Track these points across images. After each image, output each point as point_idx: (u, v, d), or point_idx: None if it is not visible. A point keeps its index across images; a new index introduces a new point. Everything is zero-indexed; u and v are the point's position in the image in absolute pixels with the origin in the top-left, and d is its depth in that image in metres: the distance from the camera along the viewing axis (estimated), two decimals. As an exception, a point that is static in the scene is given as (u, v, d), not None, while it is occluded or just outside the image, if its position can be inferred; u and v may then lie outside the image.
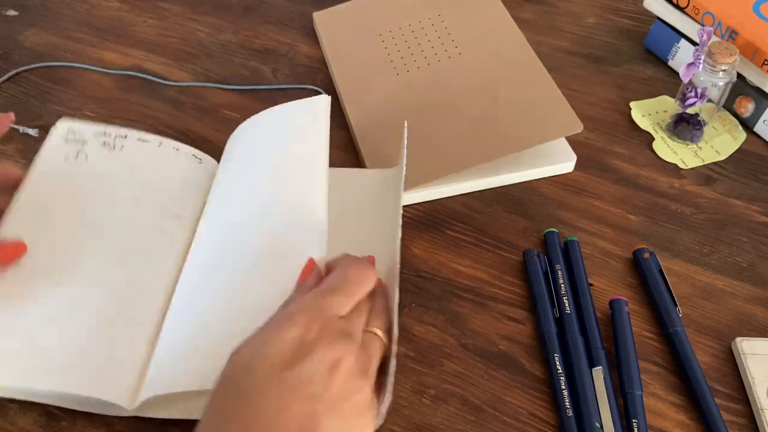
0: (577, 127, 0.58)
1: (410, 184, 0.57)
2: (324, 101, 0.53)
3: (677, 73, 0.70)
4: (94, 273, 0.47)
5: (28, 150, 0.63)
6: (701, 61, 0.60)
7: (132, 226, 0.50)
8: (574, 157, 0.62)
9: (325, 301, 0.39)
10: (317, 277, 0.43)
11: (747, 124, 0.67)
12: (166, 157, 0.56)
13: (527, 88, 0.62)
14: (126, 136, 0.55)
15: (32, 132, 0.65)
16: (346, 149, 0.64)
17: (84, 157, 0.52)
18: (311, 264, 0.44)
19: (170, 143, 0.56)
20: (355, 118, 0.64)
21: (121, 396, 0.42)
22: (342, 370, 0.36)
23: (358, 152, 0.62)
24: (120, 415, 0.43)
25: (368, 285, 0.42)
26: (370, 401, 0.38)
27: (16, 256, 0.46)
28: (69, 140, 0.53)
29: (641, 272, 0.54)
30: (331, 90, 0.69)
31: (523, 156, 0.60)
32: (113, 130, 0.55)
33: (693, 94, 0.62)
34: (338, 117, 0.66)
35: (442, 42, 0.68)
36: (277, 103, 0.68)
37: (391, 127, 0.62)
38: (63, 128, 0.54)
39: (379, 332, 0.41)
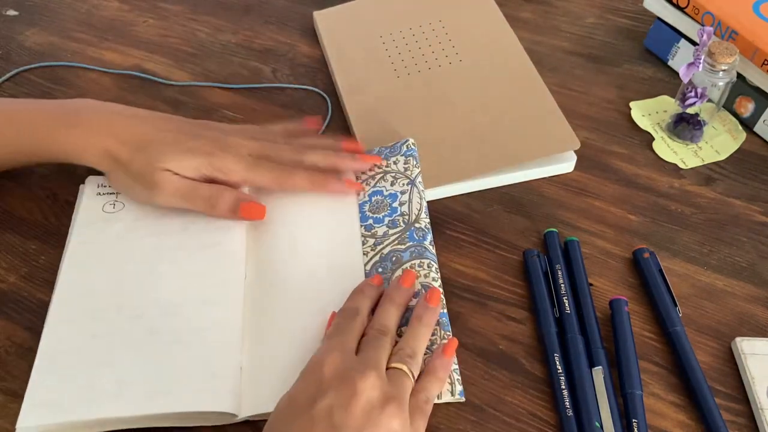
0: (574, 144, 0.60)
1: None
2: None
3: (677, 73, 0.70)
4: (163, 300, 0.49)
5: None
6: (701, 61, 0.60)
7: (185, 248, 0.52)
8: (574, 158, 0.62)
9: (332, 343, 0.43)
10: None
11: (747, 124, 0.67)
12: None
13: (526, 103, 0.64)
14: None
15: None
16: (346, 149, 0.64)
17: (121, 205, 0.55)
18: (333, 316, 0.48)
19: None
20: (355, 119, 0.64)
21: (233, 405, 0.44)
22: (361, 400, 0.39)
23: None
24: (230, 423, 0.44)
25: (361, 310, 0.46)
26: (401, 428, 0.40)
27: (259, 214, 0.53)
28: (101, 194, 0.55)
29: (641, 272, 0.54)
30: (331, 90, 0.69)
31: (523, 156, 0.60)
32: None
33: (693, 94, 0.62)
34: (338, 117, 0.67)
35: (442, 47, 0.69)
36: (277, 103, 0.68)
37: (391, 128, 0.62)
38: (92, 184, 0.56)
39: (403, 367, 0.43)
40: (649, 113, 0.68)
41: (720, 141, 0.65)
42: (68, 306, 0.48)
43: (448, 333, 0.47)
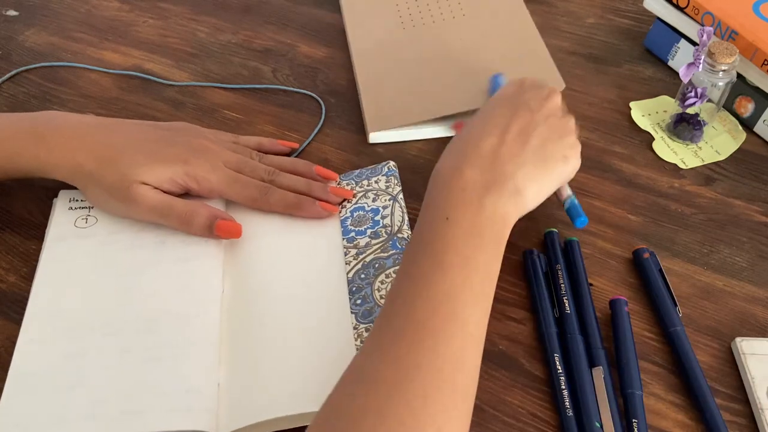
0: (559, 84, 0.66)
1: (399, 121, 0.63)
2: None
3: (677, 73, 0.70)
4: (138, 316, 0.48)
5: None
6: (701, 61, 0.60)
7: (161, 262, 0.51)
8: (574, 157, 0.62)
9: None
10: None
11: (747, 124, 0.67)
12: None
13: (518, 48, 0.70)
14: None
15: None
16: (346, 149, 0.64)
17: (94, 220, 0.54)
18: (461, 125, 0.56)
19: None
20: (362, 76, 0.68)
21: (208, 423, 0.43)
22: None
23: (362, 112, 0.65)
24: None
25: None
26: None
27: (236, 234, 0.52)
28: (73, 208, 0.55)
29: (641, 272, 0.54)
30: (330, 90, 0.69)
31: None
32: None
33: (693, 94, 0.62)
34: (335, 117, 0.67)
35: (449, 3, 0.76)
36: (277, 103, 0.68)
37: (396, 88, 0.67)
38: (65, 198, 0.55)
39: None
40: (649, 113, 0.68)
41: (720, 141, 0.65)
42: (39, 326, 0.48)
43: None
